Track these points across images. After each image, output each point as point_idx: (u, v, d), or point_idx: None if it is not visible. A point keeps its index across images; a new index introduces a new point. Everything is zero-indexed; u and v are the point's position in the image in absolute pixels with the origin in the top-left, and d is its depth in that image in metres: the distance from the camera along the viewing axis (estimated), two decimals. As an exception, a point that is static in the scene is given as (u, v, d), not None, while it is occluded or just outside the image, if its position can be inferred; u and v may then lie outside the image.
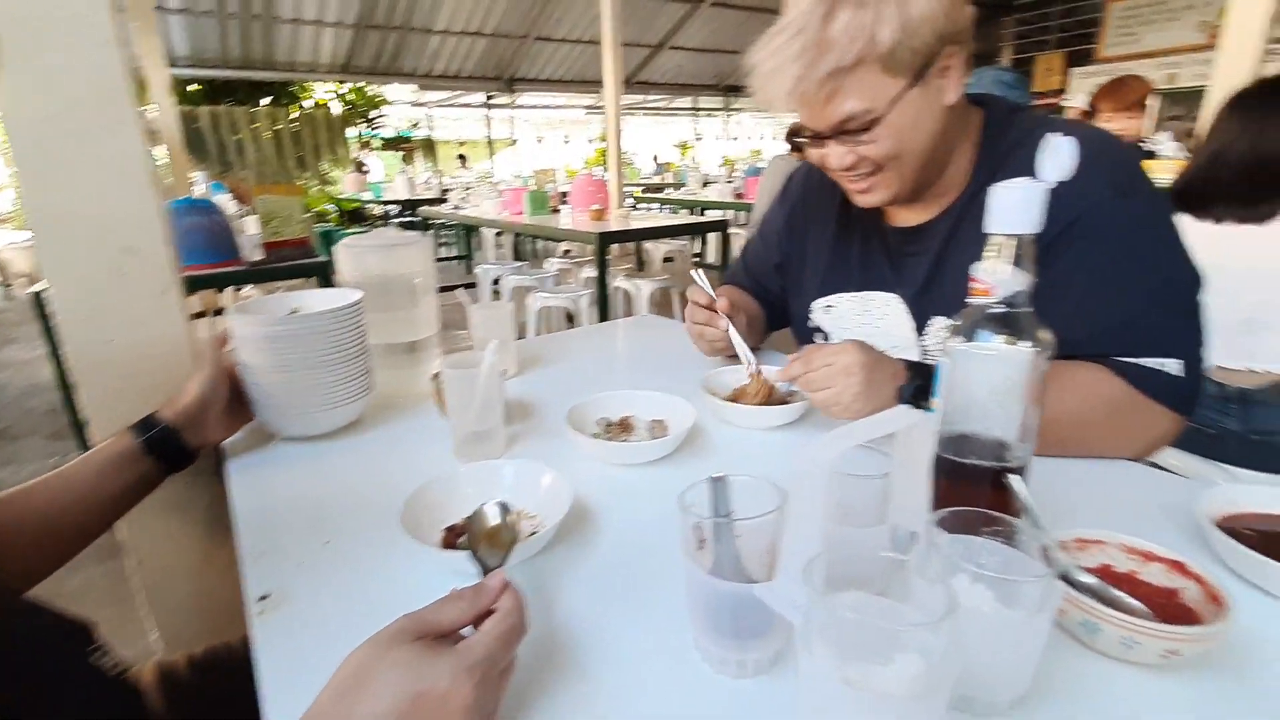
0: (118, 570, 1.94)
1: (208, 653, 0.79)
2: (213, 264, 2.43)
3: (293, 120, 10.78)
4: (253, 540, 0.65)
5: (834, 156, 0.81)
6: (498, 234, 7.01)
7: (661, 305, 3.72)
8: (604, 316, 3.22)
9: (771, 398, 0.88)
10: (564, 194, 4.96)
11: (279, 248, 2.59)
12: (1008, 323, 0.52)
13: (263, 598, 0.57)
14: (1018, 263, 0.51)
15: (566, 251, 5.51)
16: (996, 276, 0.51)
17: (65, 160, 0.78)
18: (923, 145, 0.78)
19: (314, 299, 0.92)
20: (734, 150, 14.38)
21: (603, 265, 3.21)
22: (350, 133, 11.64)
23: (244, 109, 10.26)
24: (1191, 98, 5.88)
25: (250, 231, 3.50)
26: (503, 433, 0.82)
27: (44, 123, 0.76)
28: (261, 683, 0.47)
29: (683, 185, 8.02)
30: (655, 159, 12.36)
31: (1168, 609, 0.47)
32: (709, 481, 0.45)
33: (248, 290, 4.15)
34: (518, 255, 6.84)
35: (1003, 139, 0.82)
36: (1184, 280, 0.74)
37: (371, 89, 12.03)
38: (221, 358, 0.80)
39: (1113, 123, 2.57)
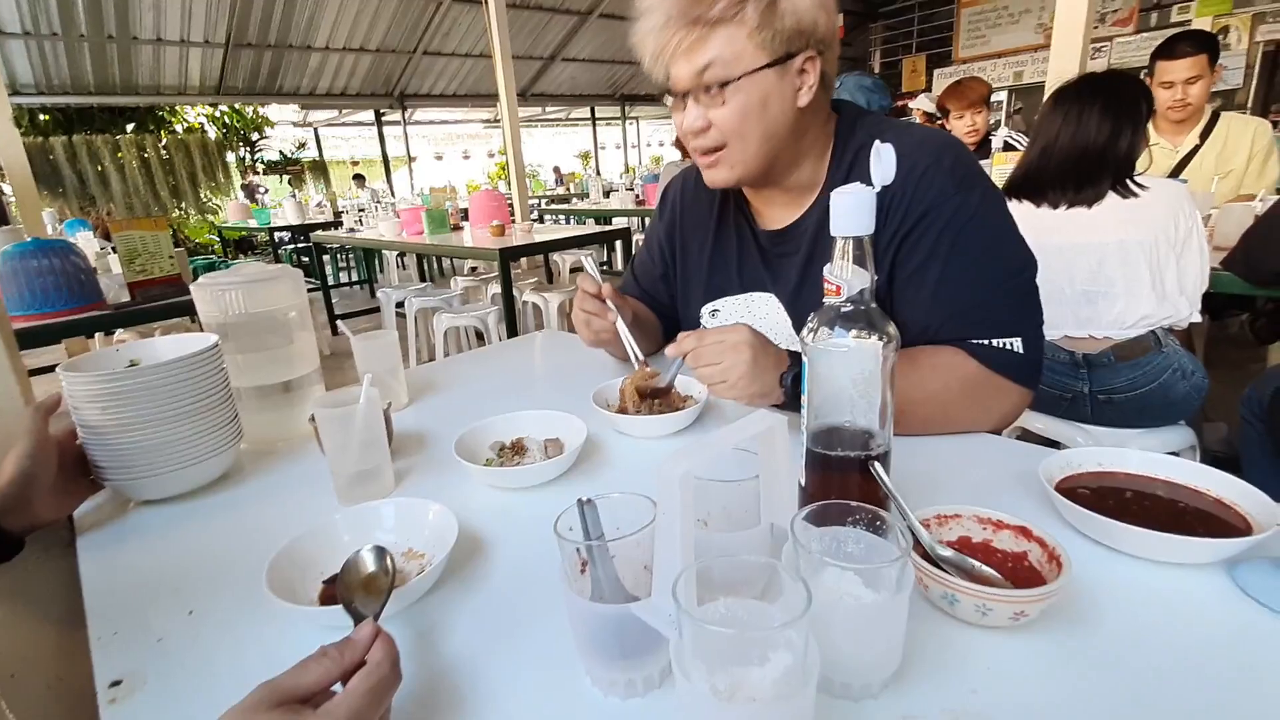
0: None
1: None
2: (70, 310, 2.21)
3: (163, 147, 9.99)
4: (104, 620, 0.59)
5: (689, 117, 0.83)
6: (400, 255, 6.77)
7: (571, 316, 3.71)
8: (512, 332, 3.17)
9: (654, 388, 0.89)
10: (465, 211, 4.86)
11: (147, 286, 2.38)
12: (857, 319, 0.55)
13: (114, 684, 0.51)
14: (860, 262, 0.54)
15: (474, 269, 5.40)
16: (844, 277, 0.54)
17: None
18: (768, 129, 0.81)
19: (160, 347, 0.85)
20: (634, 158, 14.58)
21: (507, 281, 3.16)
22: (230, 157, 10.92)
23: (105, 137, 9.41)
24: (1036, 93, 6.52)
25: (116, 271, 3.21)
26: (390, 470, 0.79)
27: None
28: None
29: (586, 195, 8.03)
30: (556, 171, 12.31)
31: (1018, 572, 0.51)
32: (577, 505, 0.45)
33: (120, 334, 3.80)
34: (423, 275, 6.63)
35: (852, 141, 0.87)
36: (1020, 265, 0.81)
37: (252, 110, 11.33)
38: (44, 427, 0.71)
39: (963, 119, 2.80)
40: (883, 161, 0.51)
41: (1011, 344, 0.77)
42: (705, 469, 0.54)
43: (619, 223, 5.81)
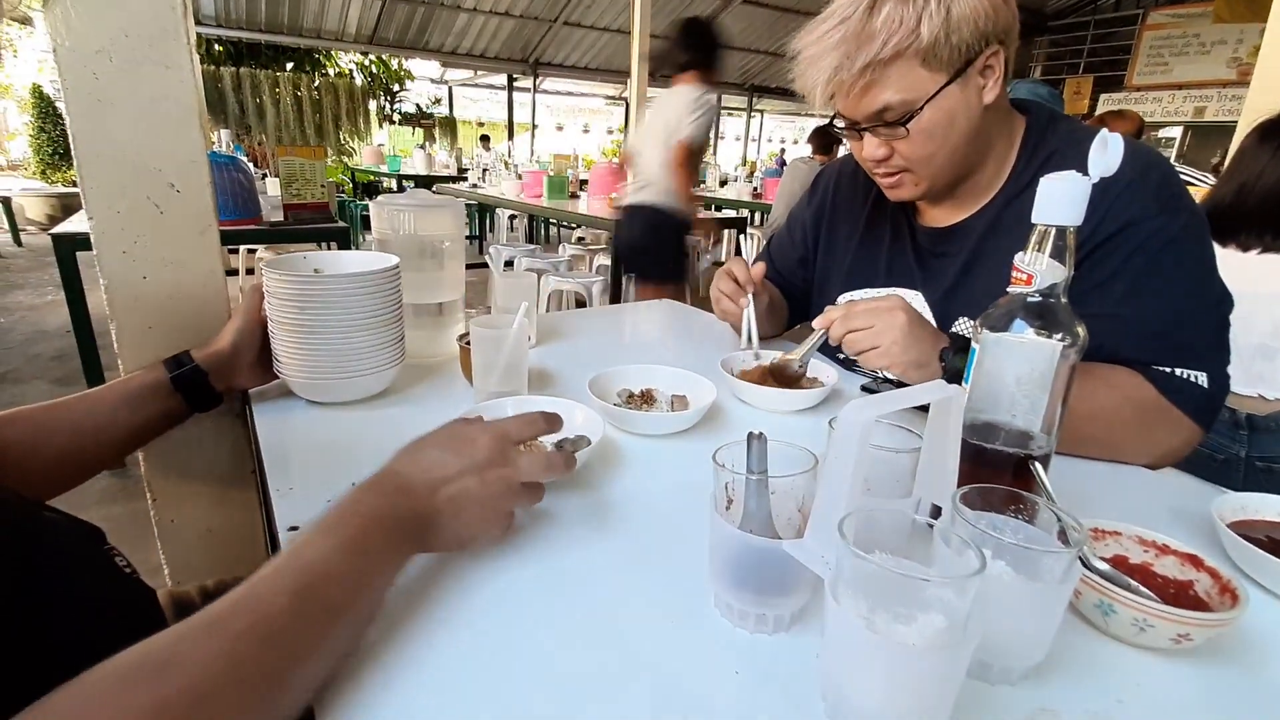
0: (118, 515, 1.96)
1: (220, 585, 0.80)
2: (234, 221, 2.44)
3: (315, 88, 10.78)
4: (281, 477, 0.66)
5: (868, 148, 0.82)
6: (512, 217, 7.02)
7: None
8: (616, 303, 3.23)
9: (788, 370, 0.89)
10: (583, 181, 4.96)
11: (299, 210, 2.59)
12: (1043, 313, 0.53)
13: (292, 528, 0.58)
14: (1058, 255, 0.52)
15: (581, 239, 5.52)
16: (1037, 266, 0.53)
17: (115, 91, 0.78)
18: (955, 144, 0.79)
19: (343, 260, 0.89)
20: (753, 152, 14.35)
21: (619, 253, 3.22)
22: (372, 105, 11.65)
23: (267, 73, 10.26)
24: (1216, 132, 5.86)
25: (270, 193, 3.52)
26: (526, 395, 0.83)
27: (97, 53, 0.77)
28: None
29: (701, 182, 8.00)
30: (672, 154, 12.30)
31: (1180, 599, 0.49)
32: (749, 437, 0.46)
33: (261, 252, 4.17)
34: (531, 239, 6.85)
35: (1043, 146, 0.83)
36: (1217, 298, 0.76)
37: (395, 62, 12.02)
38: (257, 309, 0.80)
39: None
40: (1109, 152, 0.48)
41: (1196, 377, 0.71)
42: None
43: (730, 214, 5.76)
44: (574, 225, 5.45)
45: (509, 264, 4.26)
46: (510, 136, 11.57)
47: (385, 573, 0.45)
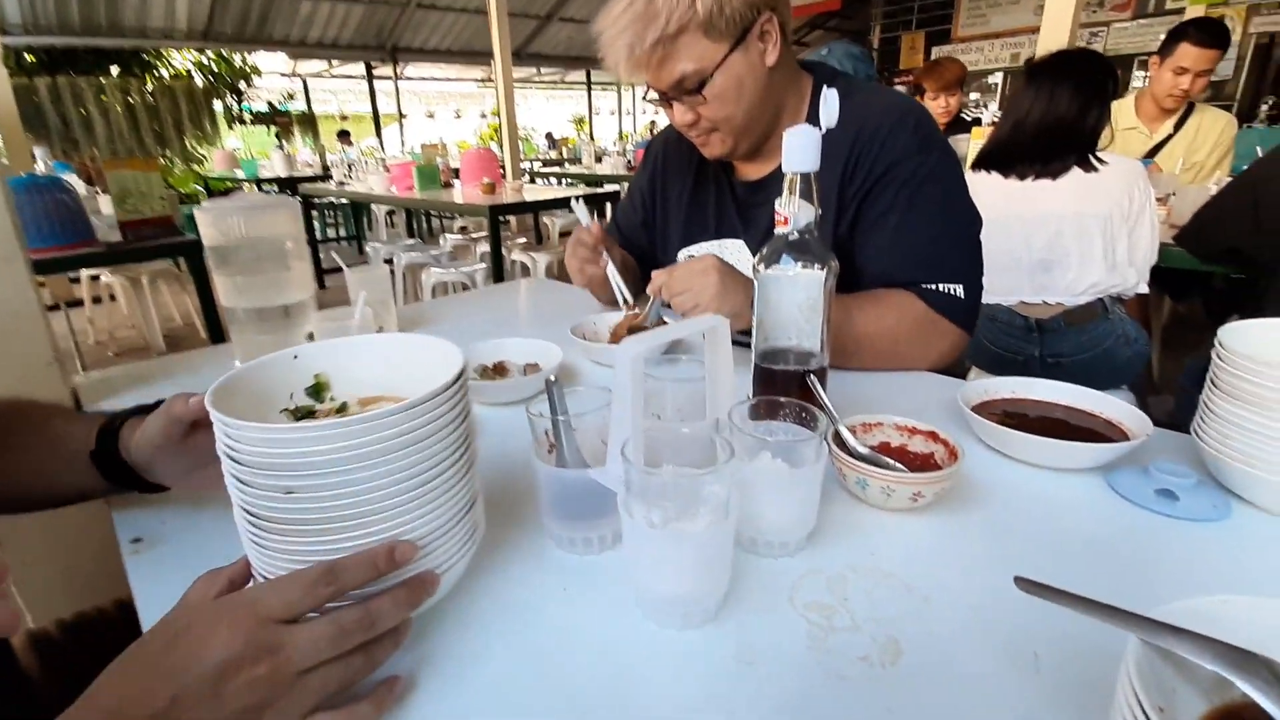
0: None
1: (77, 616, 0.79)
2: (62, 246, 2.23)
3: (149, 93, 9.77)
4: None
5: (677, 114, 0.91)
6: (389, 212, 6.74)
7: (560, 277, 3.76)
8: (501, 290, 3.22)
9: (639, 325, 0.96)
10: (456, 170, 4.85)
11: (138, 226, 2.40)
12: (803, 249, 0.63)
13: (135, 540, 0.59)
14: (806, 197, 0.61)
15: (464, 229, 5.40)
16: (790, 209, 0.62)
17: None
18: (750, 103, 0.88)
19: (354, 359, 0.51)
20: (629, 125, 14.42)
21: (496, 238, 3.20)
22: (218, 106, 10.70)
23: (89, 79, 9.18)
24: (1033, 75, 6.53)
25: (105, 211, 3.21)
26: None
27: None
28: (142, 619, 0.49)
29: (578, 160, 7.98)
30: (549, 136, 12.17)
31: (925, 470, 0.60)
32: (545, 384, 0.52)
33: (106, 278, 3.81)
34: (412, 233, 6.61)
35: None
36: (968, 221, 0.89)
37: (238, 58, 11.06)
38: (159, 432, 0.54)
39: (937, 100, 2.89)
40: (828, 105, 0.58)
41: (955, 290, 0.85)
42: (662, 372, 0.62)
43: (610, 187, 5.82)
44: (453, 215, 5.33)
45: (388, 261, 4.12)
46: (377, 129, 10.99)
47: None
